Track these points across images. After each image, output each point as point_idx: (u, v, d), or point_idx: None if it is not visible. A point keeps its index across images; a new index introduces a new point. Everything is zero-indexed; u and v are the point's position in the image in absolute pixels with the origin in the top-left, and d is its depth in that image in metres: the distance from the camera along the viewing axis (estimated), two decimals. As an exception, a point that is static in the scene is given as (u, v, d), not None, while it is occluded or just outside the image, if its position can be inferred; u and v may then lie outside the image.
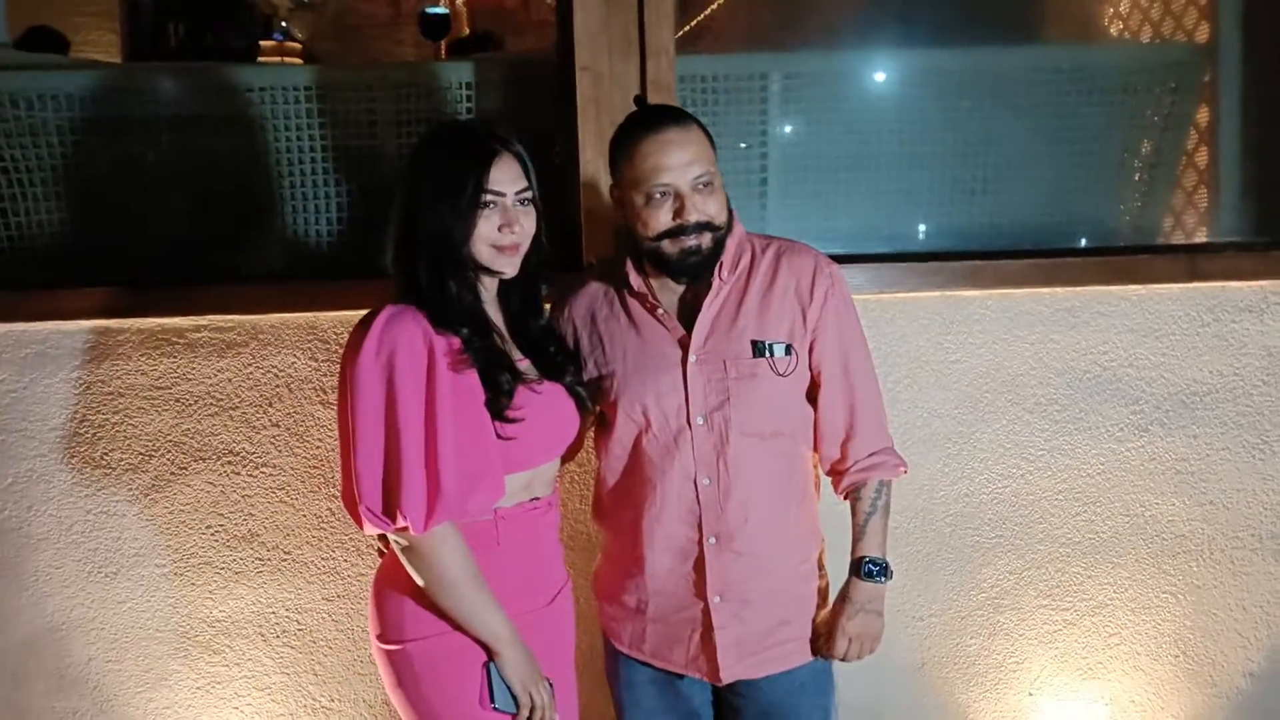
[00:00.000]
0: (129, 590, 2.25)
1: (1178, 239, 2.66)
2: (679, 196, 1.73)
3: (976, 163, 2.53)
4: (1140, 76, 2.64)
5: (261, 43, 6.14)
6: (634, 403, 1.79)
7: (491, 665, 1.64)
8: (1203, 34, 2.75)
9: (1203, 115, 2.66)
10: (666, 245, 1.75)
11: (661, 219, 1.73)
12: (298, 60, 6.73)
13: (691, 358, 1.78)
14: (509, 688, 1.64)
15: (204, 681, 2.29)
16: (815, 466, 1.91)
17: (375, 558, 1.90)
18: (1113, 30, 3.15)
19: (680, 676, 1.87)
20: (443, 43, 6.34)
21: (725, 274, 1.80)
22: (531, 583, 1.74)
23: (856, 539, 1.85)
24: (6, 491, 2.23)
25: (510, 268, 1.70)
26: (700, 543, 1.79)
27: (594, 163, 2.23)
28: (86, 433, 2.23)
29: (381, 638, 1.69)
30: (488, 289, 1.73)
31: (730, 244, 1.80)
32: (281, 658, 2.29)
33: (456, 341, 1.62)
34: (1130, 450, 2.35)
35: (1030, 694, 2.38)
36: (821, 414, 1.84)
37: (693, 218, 1.73)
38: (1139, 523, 2.36)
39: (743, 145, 2.53)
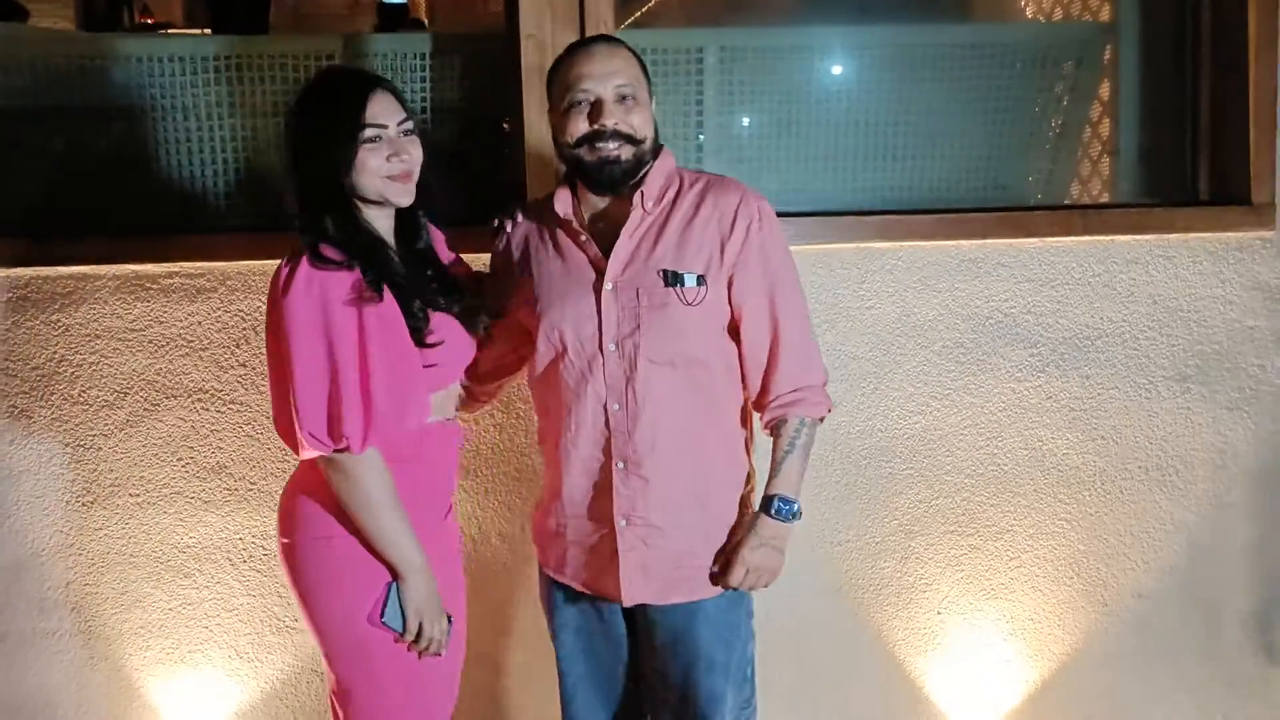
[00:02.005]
0: (105, 518, 2.41)
1: (1084, 201, 2.88)
2: (598, 102, 1.79)
3: (896, 130, 2.72)
4: (1048, 52, 2.86)
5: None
6: (553, 327, 1.85)
7: (394, 586, 1.75)
8: (1105, 14, 2.99)
9: (1104, 89, 2.89)
10: (585, 152, 1.81)
11: (580, 124, 1.80)
12: None
13: (607, 285, 1.83)
14: (403, 611, 1.76)
15: (176, 603, 2.45)
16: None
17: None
18: (1028, 10, 3.39)
19: (602, 599, 1.93)
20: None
21: (650, 204, 1.85)
22: (435, 497, 1.88)
23: (771, 475, 1.88)
24: (-11, 427, 2.39)
25: (406, 196, 1.79)
26: (609, 467, 1.85)
27: (537, 125, 2.40)
28: (66, 372, 2.39)
29: (287, 535, 1.81)
30: (382, 222, 1.82)
31: (657, 174, 1.86)
32: (248, 581, 2.46)
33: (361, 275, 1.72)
34: (1029, 389, 2.56)
35: (939, 613, 2.58)
36: (744, 348, 1.88)
37: (609, 122, 1.79)
38: (1037, 456, 2.57)
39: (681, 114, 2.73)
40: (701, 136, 2.73)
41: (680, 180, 1.91)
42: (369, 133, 1.75)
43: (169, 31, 6.89)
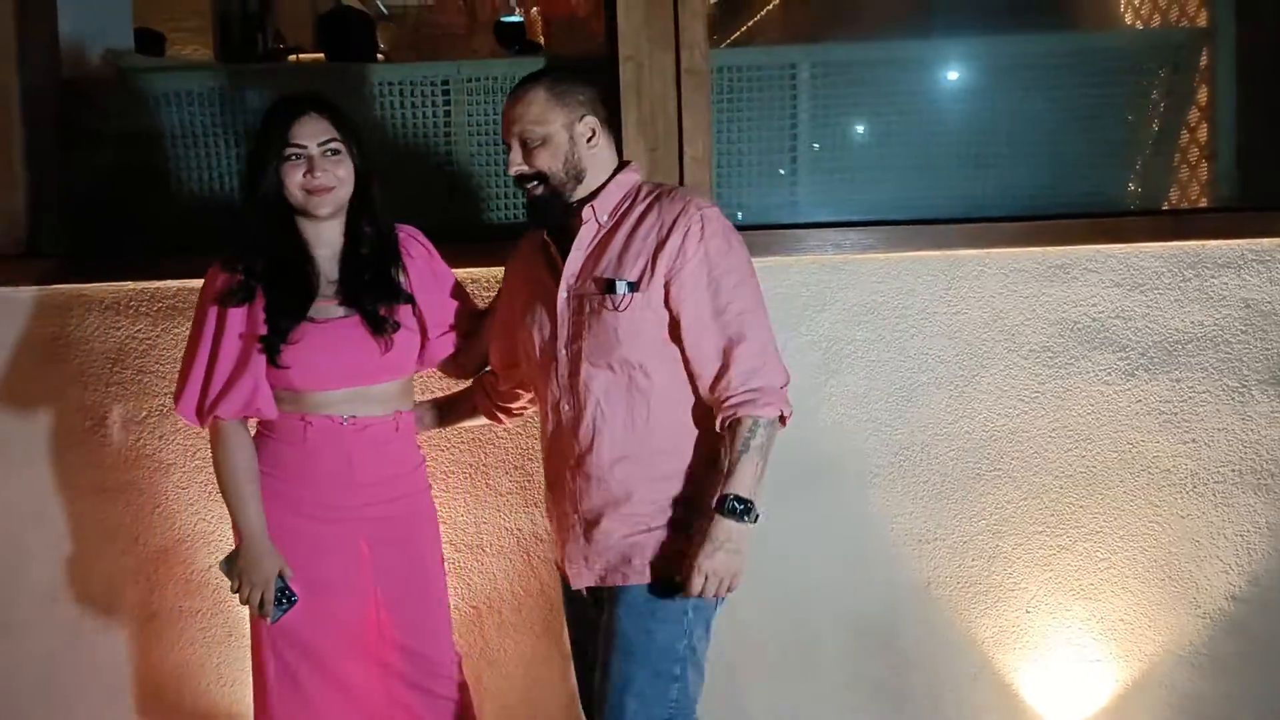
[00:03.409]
0: (243, 508, 2.64)
1: (1183, 205, 2.90)
2: (510, 149, 1.98)
3: (991, 139, 2.80)
4: (1145, 58, 2.90)
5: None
6: (526, 335, 2.05)
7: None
8: (1202, 19, 3.01)
9: (1201, 94, 2.91)
10: (525, 192, 2.01)
11: (510, 168, 1.99)
12: None
13: (561, 294, 1.98)
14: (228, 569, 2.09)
15: (305, 587, 2.66)
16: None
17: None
18: (1127, 17, 3.42)
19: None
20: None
21: (603, 218, 1.99)
22: (322, 483, 2.08)
23: (726, 476, 1.89)
24: (144, 423, 2.64)
25: (323, 208, 2.04)
26: (565, 462, 2.01)
27: (635, 141, 2.57)
28: (208, 374, 2.62)
29: None
30: (316, 231, 2.08)
31: (614, 189, 2.00)
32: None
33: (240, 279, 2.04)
34: (1118, 392, 2.60)
35: (1027, 612, 2.63)
36: (689, 351, 1.94)
37: (513, 170, 1.97)
38: (1127, 458, 2.61)
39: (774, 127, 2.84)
40: (795, 150, 2.84)
41: (638, 193, 2.02)
42: (288, 151, 2.02)
43: (299, 57, 7.27)
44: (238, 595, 2.08)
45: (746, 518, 1.88)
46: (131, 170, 2.82)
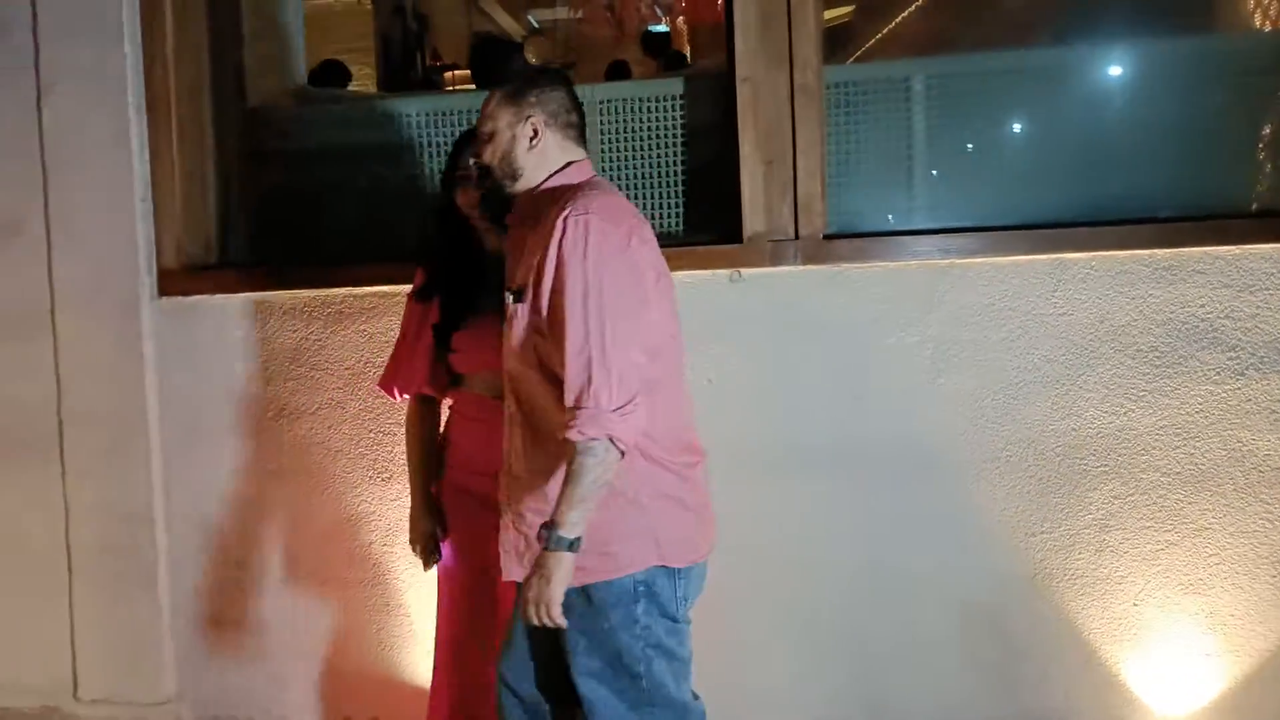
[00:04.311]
0: (399, 491, 2.91)
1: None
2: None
3: (1105, 144, 2.86)
4: (1265, 62, 2.92)
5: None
6: None
7: None
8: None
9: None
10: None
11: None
12: None
13: (506, 295, 2.05)
14: None
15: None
16: None
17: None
18: (1256, 19, 3.40)
19: None
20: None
21: (516, 222, 2.08)
22: (471, 449, 2.37)
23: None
24: (315, 414, 2.98)
25: (479, 222, 2.36)
26: (504, 457, 2.10)
27: (752, 156, 2.76)
28: (370, 371, 2.93)
29: None
30: (484, 237, 2.39)
31: (526, 195, 2.03)
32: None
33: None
34: (1228, 392, 2.64)
35: (1135, 605, 2.70)
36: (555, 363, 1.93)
37: (471, 161, 2.19)
38: (1237, 456, 2.65)
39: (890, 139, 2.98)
40: (910, 160, 2.97)
41: (549, 199, 2.00)
42: (458, 174, 2.38)
43: (454, 74, 7.67)
44: None
45: (553, 545, 1.85)
46: (306, 189, 3.18)
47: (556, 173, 2.03)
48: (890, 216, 2.92)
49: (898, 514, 2.76)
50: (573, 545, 1.85)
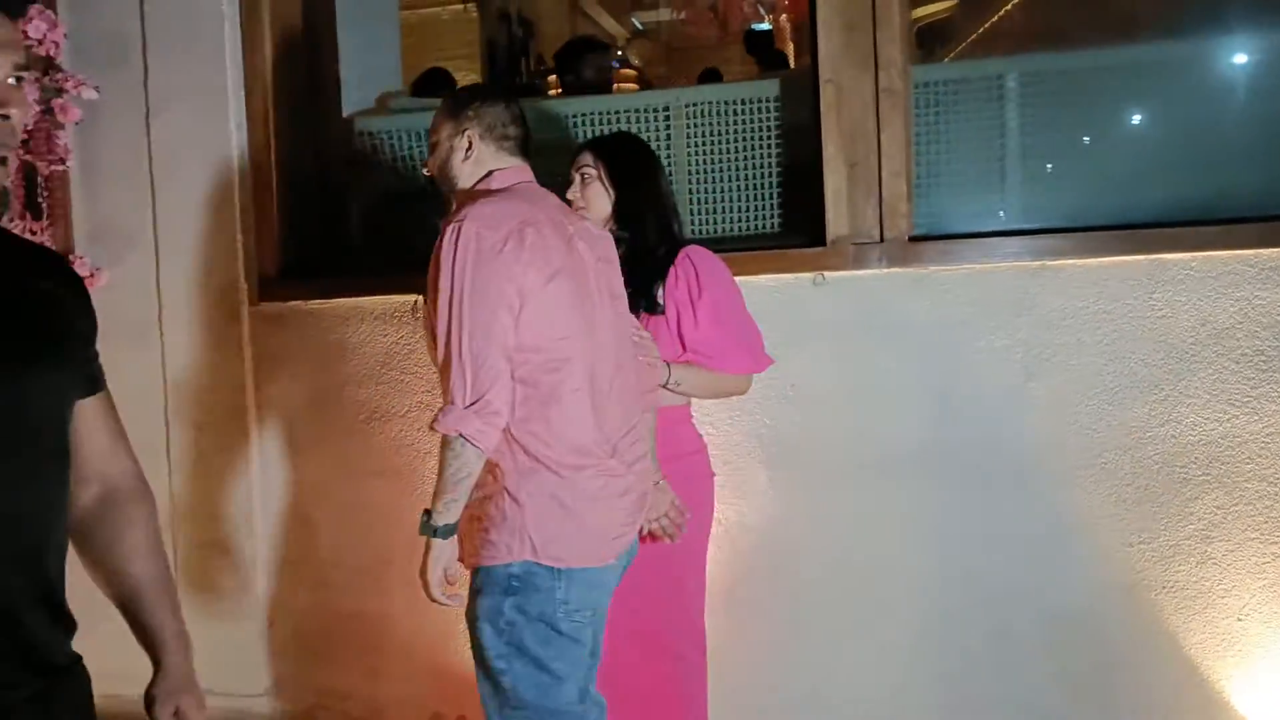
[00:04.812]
0: (487, 493, 3.00)
1: None
2: None
3: (1203, 143, 2.76)
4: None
5: (600, 73, 6.93)
6: None
7: None
8: None
9: None
10: None
11: None
12: (633, 86, 7.43)
13: None
14: None
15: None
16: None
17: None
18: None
19: None
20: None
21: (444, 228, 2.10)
22: None
23: None
24: (404, 417, 3.05)
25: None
26: None
27: (835, 158, 2.73)
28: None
29: None
30: None
31: (456, 203, 2.13)
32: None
33: None
34: (1341, 398, 2.53)
35: (1239, 619, 2.59)
36: None
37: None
38: (1351, 465, 2.53)
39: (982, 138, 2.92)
40: (1002, 160, 2.90)
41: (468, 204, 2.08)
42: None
43: (551, 79, 7.69)
44: None
45: (423, 530, 1.98)
46: (398, 197, 3.25)
47: (480, 181, 2.14)
48: (980, 218, 2.85)
49: (988, 521, 2.70)
50: (438, 532, 1.96)
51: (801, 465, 2.81)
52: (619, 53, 8.18)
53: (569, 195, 2.42)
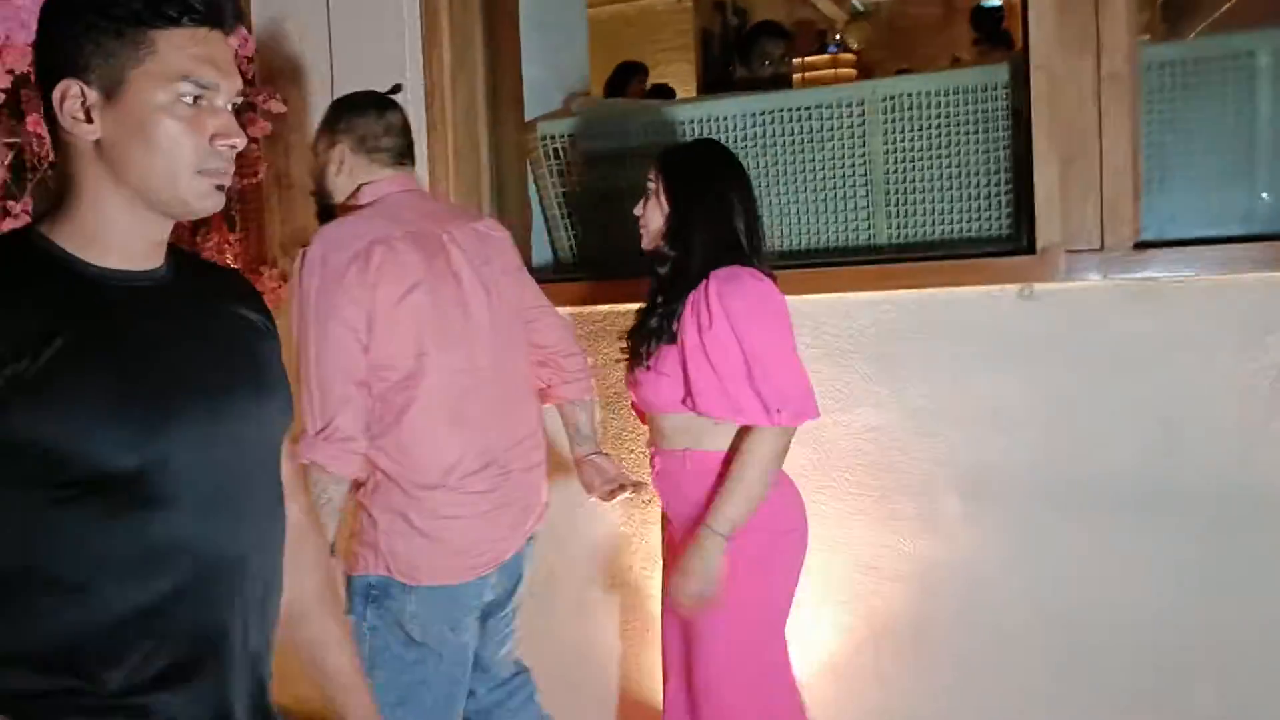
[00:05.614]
0: (659, 516, 2.85)
1: None
2: None
3: None
4: None
5: (808, 59, 6.65)
6: None
7: None
8: None
9: None
10: None
11: None
12: (851, 71, 7.09)
13: None
14: None
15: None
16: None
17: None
18: None
19: None
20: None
21: None
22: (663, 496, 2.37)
23: None
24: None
25: (642, 240, 2.30)
26: None
27: (1047, 153, 2.42)
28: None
29: None
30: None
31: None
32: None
33: None
34: None
35: None
36: None
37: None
38: None
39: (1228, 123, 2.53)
40: (1252, 151, 2.51)
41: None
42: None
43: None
44: None
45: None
46: (585, 199, 3.15)
47: (352, 195, 2.16)
48: (1221, 220, 2.47)
49: (1222, 566, 2.34)
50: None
51: (1002, 497, 2.52)
52: (837, 37, 7.85)
53: (635, 210, 2.25)
